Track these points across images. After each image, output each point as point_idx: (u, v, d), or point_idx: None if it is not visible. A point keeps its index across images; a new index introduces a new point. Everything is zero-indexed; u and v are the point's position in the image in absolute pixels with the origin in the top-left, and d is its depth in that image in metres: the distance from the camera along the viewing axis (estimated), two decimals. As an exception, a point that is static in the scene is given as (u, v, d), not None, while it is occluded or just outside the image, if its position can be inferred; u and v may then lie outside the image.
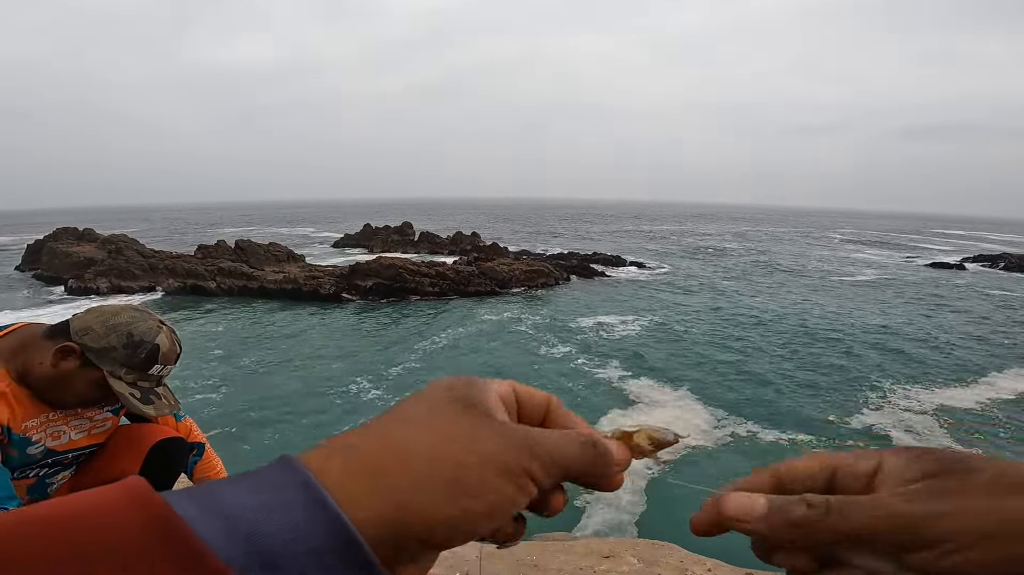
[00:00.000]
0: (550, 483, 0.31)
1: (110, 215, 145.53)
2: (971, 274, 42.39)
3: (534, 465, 0.30)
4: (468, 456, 0.28)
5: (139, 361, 1.40)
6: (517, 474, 0.29)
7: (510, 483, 0.29)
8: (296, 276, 29.85)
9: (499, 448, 0.29)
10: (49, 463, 1.50)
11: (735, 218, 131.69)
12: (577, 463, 0.31)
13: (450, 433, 0.29)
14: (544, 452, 0.30)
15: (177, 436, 1.76)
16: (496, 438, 0.30)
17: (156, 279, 30.23)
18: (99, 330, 1.38)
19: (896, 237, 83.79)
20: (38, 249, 37.58)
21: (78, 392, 1.40)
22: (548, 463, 0.30)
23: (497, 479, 0.29)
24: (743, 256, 49.72)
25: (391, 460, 0.28)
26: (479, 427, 0.30)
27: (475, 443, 0.29)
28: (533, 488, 0.30)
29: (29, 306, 27.31)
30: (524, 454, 0.30)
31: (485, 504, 0.28)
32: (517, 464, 0.29)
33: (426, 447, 0.28)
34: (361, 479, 0.27)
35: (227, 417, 14.10)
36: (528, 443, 0.30)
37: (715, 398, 15.28)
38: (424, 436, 0.29)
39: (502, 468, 0.29)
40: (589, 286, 32.07)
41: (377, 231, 52.89)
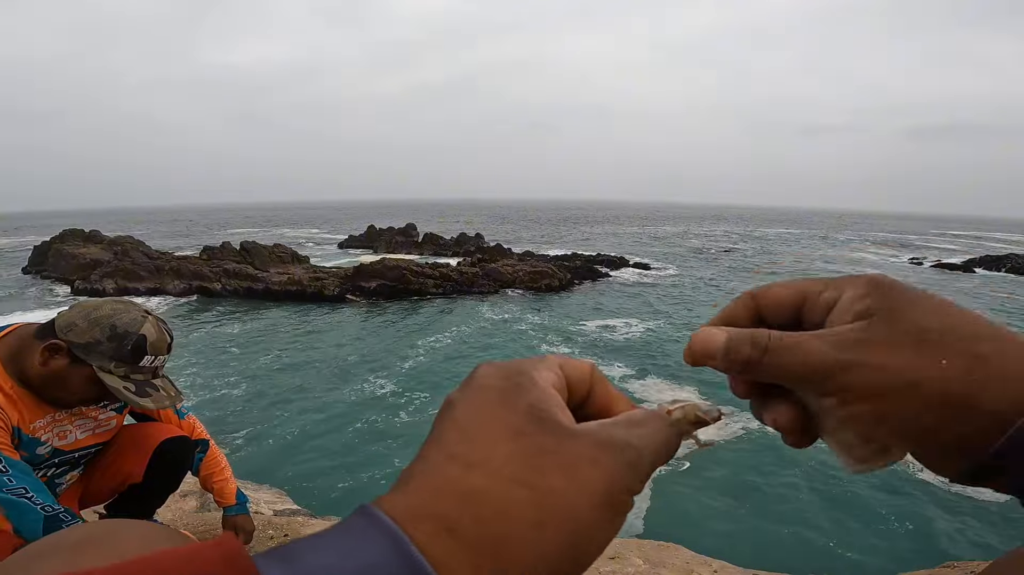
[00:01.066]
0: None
1: (116, 217, 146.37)
2: (978, 276, 42.16)
3: (638, 485, 0.27)
4: (576, 507, 0.25)
5: (127, 353, 1.38)
6: (626, 503, 0.27)
7: (619, 515, 0.26)
8: (301, 277, 29.94)
9: (605, 480, 0.26)
10: (57, 463, 1.51)
11: (741, 219, 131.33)
12: (666, 458, 0.29)
13: (551, 483, 0.25)
14: (646, 465, 0.28)
15: (182, 435, 1.77)
16: (598, 468, 0.26)
17: (162, 281, 30.36)
18: (82, 325, 1.36)
19: (902, 237, 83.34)
20: (45, 250, 37.80)
21: (75, 390, 1.39)
22: (649, 472, 0.28)
23: (611, 517, 0.26)
24: (749, 257, 49.63)
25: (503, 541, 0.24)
26: (575, 458, 0.26)
27: (578, 483, 0.25)
28: (632, 503, 0.27)
29: (37, 307, 27.49)
30: (630, 476, 0.27)
31: (599, 547, 0.26)
32: (626, 491, 0.26)
33: (530, 510, 0.24)
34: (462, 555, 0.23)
35: (249, 413, 14.31)
36: (630, 459, 0.27)
37: (723, 396, 15.24)
38: (523, 495, 0.25)
39: (612, 504, 0.26)
40: (593, 288, 32.03)
41: (381, 232, 53.01)
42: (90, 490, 1.72)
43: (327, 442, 12.65)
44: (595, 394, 0.32)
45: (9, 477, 1.28)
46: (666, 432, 0.29)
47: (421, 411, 14.19)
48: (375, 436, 12.93)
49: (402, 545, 0.23)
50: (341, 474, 11.17)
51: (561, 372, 0.31)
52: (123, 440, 1.69)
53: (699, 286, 33.33)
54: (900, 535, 9.55)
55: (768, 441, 12.41)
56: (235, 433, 13.00)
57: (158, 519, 2.08)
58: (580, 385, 0.32)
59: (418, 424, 13.56)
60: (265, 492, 3.21)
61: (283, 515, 2.67)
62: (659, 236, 73.24)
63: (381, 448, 12.26)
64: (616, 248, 50.82)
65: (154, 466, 1.69)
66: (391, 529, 0.23)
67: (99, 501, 1.76)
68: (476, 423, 0.27)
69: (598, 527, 0.25)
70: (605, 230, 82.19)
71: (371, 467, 11.35)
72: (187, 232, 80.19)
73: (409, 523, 0.23)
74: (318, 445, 12.53)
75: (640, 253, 48.56)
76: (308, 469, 11.32)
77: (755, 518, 9.93)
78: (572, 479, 0.25)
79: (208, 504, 2.57)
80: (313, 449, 12.36)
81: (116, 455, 1.69)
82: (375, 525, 0.23)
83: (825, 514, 10.12)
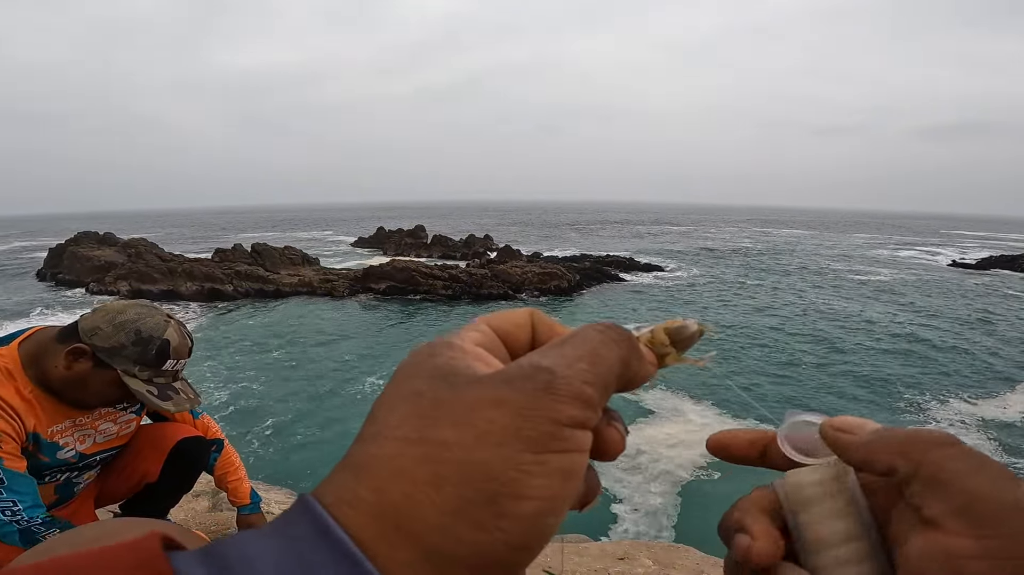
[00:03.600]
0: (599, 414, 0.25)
1: (129, 219, 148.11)
2: (991, 275, 41.59)
3: (567, 409, 0.23)
4: (477, 453, 0.22)
5: (151, 358, 1.39)
6: (556, 435, 0.23)
7: (551, 453, 0.23)
8: (311, 279, 30.14)
9: (511, 417, 0.23)
10: (80, 466, 1.52)
11: (750, 220, 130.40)
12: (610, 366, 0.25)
13: (445, 435, 0.23)
14: (574, 382, 0.24)
15: (197, 435, 1.78)
16: (500, 407, 0.23)
17: (175, 283, 30.68)
18: (107, 329, 1.37)
19: (914, 238, 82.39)
20: (60, 253, 38.32)
21: (97, 392, 1.40)
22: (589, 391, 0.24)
23: (533, 458, 0.22)
24: (760, 258, 49.20)
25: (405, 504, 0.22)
26: (473, 404, 0.23)
27: (478, 429, 0.23)
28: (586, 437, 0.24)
29: (52, 309, 27.85)
30: (547, 403, 0.23)
31: (540, 499, 0.22)
32: (545, 421, 0.23)
33: (425, 468, 0.22)
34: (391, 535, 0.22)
35: (261, 414, 14.51)
36: (543, 383, 0.23)
37: (740, 407, 14.73)
38: (417, 453, 0.22)
39: (531, 439, 0.22)
40: (603, 290, 31.91)
41: (390, 234, 53.22)
42: (106, 490, 1.74)
43: (336, 445, 12.72)
44: (540, 336, 0.29)
45: (1, 489, 1.28)
46: (603, 345, 0.25)
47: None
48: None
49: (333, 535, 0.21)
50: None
51: (488, 327, 0.28)
52: (140, 441, 1.71)
53: (711, 288, 33.07)
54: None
55: None
56: (247, 434, 13.12)
57: (171, 519, 2.10)
58: (518, 331, 0.29)
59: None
60: (276, 493, 3.24)
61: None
62: (668, 237, 72.87)
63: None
64: (625, 249, 50.63)
65: (170, 466, 1.71)
66: (331, 528, 0.22)
67: (115, 500, 1.78)
68: (382, 399, 0.25)
69: (519, 471, 0.22)
70: (613, 231, 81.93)
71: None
72: (199, 235, 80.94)
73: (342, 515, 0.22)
74: (327, 447, 12.60)
75: (650, 254, 48.32)
76: (317, 471, 11.39)
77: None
78: (466, 426, 0.23)
79: (220, 504, 2.59)
80: (322, 451, 12.44)
81: (133, 455, 1.70)
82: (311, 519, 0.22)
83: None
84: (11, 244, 71.52)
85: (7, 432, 1.31)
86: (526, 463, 0.22)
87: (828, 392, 16.22)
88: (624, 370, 0.26)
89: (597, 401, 0.24)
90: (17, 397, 1.34)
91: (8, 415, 1.32)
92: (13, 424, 1.32)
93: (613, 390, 0.26)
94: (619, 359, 0.25)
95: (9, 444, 1.31)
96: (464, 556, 0.21)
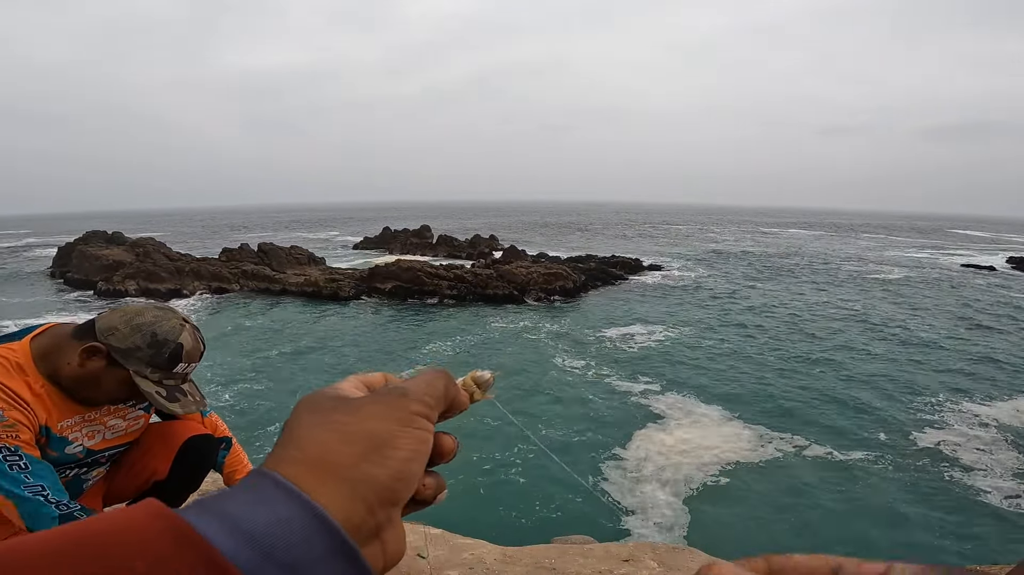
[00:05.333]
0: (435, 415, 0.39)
1: (138, 219, 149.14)
2: (1003, 275, 41.28)
3: (415, 406, 0.37)
4: (368, 424, 0.35)
5: (163, 360, 1.41)
6: (411, 419, 0.37)
7: (410, 426, 0.36)
8: (317, 279, 30.25)
9: (384, 407, 0.36)
10: (89, 463, 1.54)
11: (755, 220, 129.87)
12: (438, 389, 0.39)
13: (347, 419, 0.36)
14: (417, 394, 0.38)
15: (206, 432, 1.80)
16: (376, 404, 0.37)
17: (182, 282, 30.88)
18: (124, 330, 1.39)
19: (921, 238, 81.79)
20: (68, 252, 38.61)
21: (107, 391, 1.43)
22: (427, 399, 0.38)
23: (400, 428, 0.36)
24: (765, 258, 48.96)
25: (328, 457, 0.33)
26: (360, 404, 0.37)
27: (365, 414, 0.36)
28: (429, 424, 0.38)
29: (61, 308, 28.08)
30: (403, 402, 0.37)
31: (407, 450, 0.36)
32: (404, 410, 0.37)
33: (338, 436, 0.35)
34: (317, 476, 0.32)
35: (266, 413, 14.58)
36: (401, 392, 0.38)
37: (752, 412, 14.50)
38: (330, 429, 0.35)
39: (398, 419, 0.36)
40: (608, 291, 31.82)
41: (396, 234, 53.35)
42: (114, 488, 1.74)
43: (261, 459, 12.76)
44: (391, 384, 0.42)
45: (27, 474, 1.31)
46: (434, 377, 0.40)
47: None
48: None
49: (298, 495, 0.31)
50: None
51: (357, 379, 0.42)
52: (149, 438, 1.72)
53: (716, 290, 32.89)
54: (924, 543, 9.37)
55: (811, 462, 12.01)
56: (251, 435, 13.16)
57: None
58: (376, 383, 0.42)
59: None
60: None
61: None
62: (674, 237, 72.66)
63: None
64: (630, 249, 50.53)
65: (179, 463, 1.72)
66: (294, 490, 0.31)
67: (123, 499, 1.79)
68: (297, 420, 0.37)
69: (393, 433, 0.36)
70: (618, 232, 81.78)
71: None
72: (206, 234, 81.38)
73: (297, 478, 0.32)
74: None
75: (655, 255, 48.21)
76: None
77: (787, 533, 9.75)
78: (356, 414, 0.36)
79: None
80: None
81: (142, 453, 1.71)
82: (277, 484, 0.32)
83: (846, 522, 9.96)
84: (23, 241, 72.29)
85: (22, 422, 1.33)
86: (396, 431, 0.36)
87: (839, 394, 16.04)
88: (446, 394, 0.40)
89: (433, 406, 0.39)
90: (28, 390, 1.36)
91: (21, 406, 1.34)
92: (27, 415, 1.34)
93: (442, 405, 0.40)
94: (443, 384, 0.40)
95: (25, 433, 1.33)
96: (368, 483, 0.33)
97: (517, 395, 15.68)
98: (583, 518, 9.65)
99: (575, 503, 10.31)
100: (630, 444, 12.63)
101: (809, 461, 12.13)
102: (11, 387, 1.34)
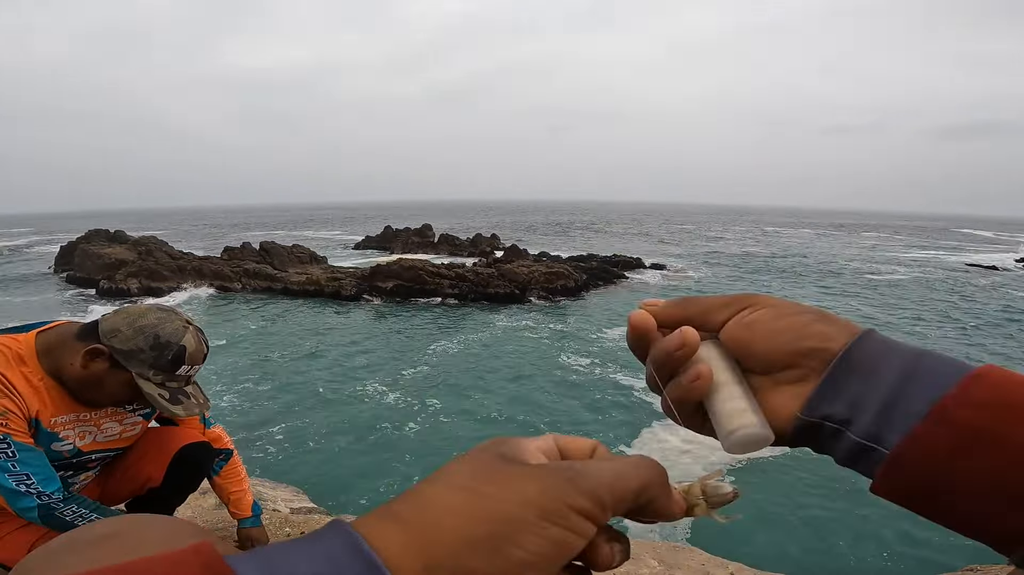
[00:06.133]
0: (605, 517, 0.30)
1: (140, 217, 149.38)
2: (1011, 274, 41.16)
3: (580, 500, 0.28)
4: (503, 505, 0.28)
5: (166, 363, 1.41)
6: (562, 513, 0.28)
7: (554, 525, 0.28)
8: (318, 277, 30.27)
9: (537, 489, 0.28)
10: (74, 463, 1.52)
11: (760, 220, 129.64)
12: (630, 485, 0.30)
13: (487, 489, 0.29)
14: (592, 483, 0.29)
15: (203, 441, 1.78)
16: (532, 480, 0.29)
17: (184, 280, 30.95)
18: (127, 332, 1.39)
19: (927, 238, 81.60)
20: (70, 250, 38.67)
21: (110, 392, 1.42)
22: (603, 494, 0.29)
23: (539, 522, 0.28)
24: (770, 258, 48.88)
25: (433, 526, 0.27)
26: (515, 475, 0.29)
27: (510, 491, 0.28)
28: (587, 526, 0.29)
29: (63, 307, 28.14)
30: (567, 489, 0.28)
31: (530, 554, 0.27)
32: (560, 501, 0.28)
33: (461, 505, 0.28)
34: (409, 549, 0.26)
35: (269, 412, 14.54)
36: (569, 475, 0.29)
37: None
38: (461, 496, 0.28)
39: (542, 510, 0.28)
40: (610, 290, 31.76)
41: (397, 233, 53.32)
42: (108, 492, 1.73)
43: (343, 443, 12.74)
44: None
45: (15, 462, 1.31)
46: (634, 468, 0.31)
47: (433, 416, 14.17)
48: (389, 440, 12.97)
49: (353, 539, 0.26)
50: (356, 474, 11.24)
51: (554, 442, 0.34)
52: (145, 444, 1.71)
53: (719, 289, 32.82)
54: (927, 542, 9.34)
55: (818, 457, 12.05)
56: (253, 437, 13.17)
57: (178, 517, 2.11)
58: (579, 451, 0.35)
59: (429, 427, 13.58)
60: (283, 490, 3.25)
61: (300, 513, 2.69)
62: (677, 237, 72.56)
63: (393, 453, 12.31)
64: (632, 249, 50.45)
65: (174, 470, 1.70)
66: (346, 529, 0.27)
67: (117, 502, 1.78)
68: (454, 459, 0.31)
69: (526, 527, 0.27)
70: (621, 231, 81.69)
71: (385, 470, 11.43)
72: (208, 233, 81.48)
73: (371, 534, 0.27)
74: (334, 446, 12.63)
75: (657, 254, 48.12)
76: (324, 469, 11.43)
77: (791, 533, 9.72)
78: (506, 486, 0.28)
79: (227, 501, 2.60)
80: (329, 449, 12.47)
81: (137, 458, 1.70)
82: (341, 535, 0.27)
83: (851, 521, 9.94)
84: (25, 240, 72.48)
85: (11, 410, 1.33)
86: (533, 524, 0.27)
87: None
88: (643, 494, 0.30)
89: (606, 505, 0.29)
90: (24, 381, 1.36)
91: (12, 394, 1.34)
92: (18, 403, 1.34)
93: (628, 506, 0.30)
94: (640, 483, 0.30)
95: (15, 421, 1.33)
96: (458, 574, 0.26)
97: (521, 394, 15.67)
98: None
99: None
100: (636, 442, 12.67)
101: (814, 461, 12.09)
102: (6, 376, 1.34)
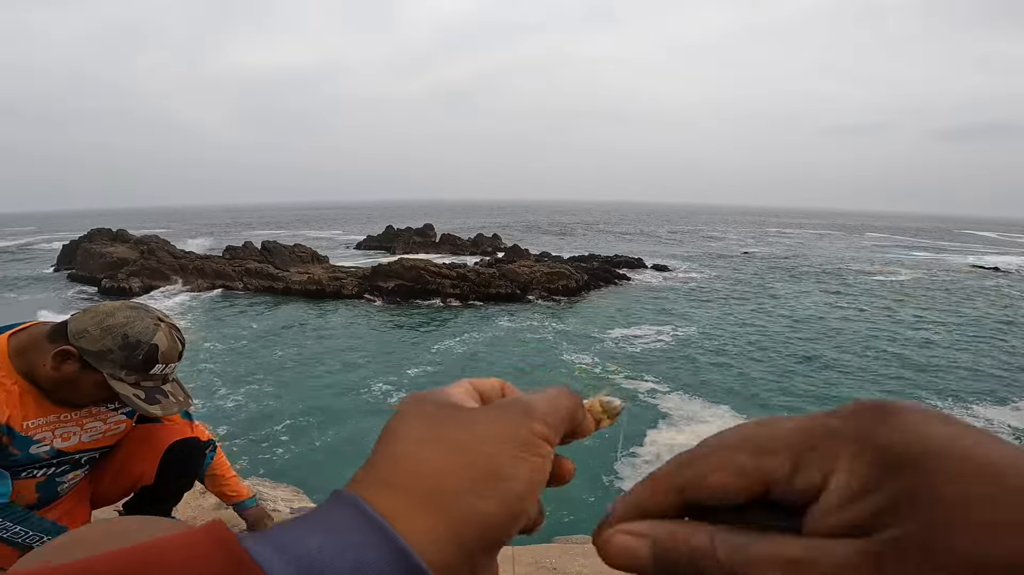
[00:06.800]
0: (557, 440, 0.32)
1: (142, 216, 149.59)
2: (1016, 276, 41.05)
3: (539, 427, 0.31)
4: (483, 446, 0.29)
5: (137, 362, 1.36)
6: (532, 442, 0.30)
7: (531, 453, 0.30)
8: (320, 277, 30.31)
9: (505, 426, 0.30)
10: (56, 463, 1.48)
11: (763, 220, 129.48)
12: (564, 409, 0.33)
13: (458, 437, 0.30)
14: (542, 412, 0.32)
15: (192, 436, 1.75)
16: (495, 420, 0.31)
17: (186, 279, 31.00)
18: (94, 332, 1.34)
19: (929, 240, 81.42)
20: (73, 249, 38.78)
21: (85, 393, 1.39)
22: (551, 419, 0.32)
23: (521, 453, 0.30)
24: (772, 259, 48.77)
25: (435, 491, 0.28)
26: (476, 418, 0.31)
27: (481, 433, 0.30)
28: (550, 449, 0.32)
29: (64, 306, 28.17)
30: (527, 420, 0.31)
31: (524, 482, 0.29)
32: (528, 431, 0.30)
33: (448, 462, 0.29)
34: (416, 508, 0.27)
35: (268, 412, 14.52)
36: (524, 409, 0.31)
37: (762, 413, 14.35)
38: (438, 450, 0.29)
39: (518, 442, 0.30)
40: (611, 290, 31.71)
41: (399, 233, 53.36)
42: (100, 491, 1.70)
43: (344, 443, 12.73)
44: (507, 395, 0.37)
45: None
46: (560, 395, 0.34)
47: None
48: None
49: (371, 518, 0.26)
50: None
51: (471, 386, 0.36)
52: (133, 442, 1.67)
53: (722, 290, 32.76)
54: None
55: None
56: (256, 432, 13.18)
57: (178, 517, 2.10)
58: (492, 391, 0.36)
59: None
60: (283, 490, 3.24)
61: (300, 513, 2.69)
62: (679, 237, 72.48)
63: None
64: (634, 249, 50.40)
65: (165, 468, 1.68)
66: (367, 511, 0.26)
67: (110, 502, 1.75)
68: (396, 416, 0.32)
69: (511, 460, 0.29)
70: (622, 231, 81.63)
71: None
72: (210, 232, 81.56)
73: (376, 501, 0.27)
74: (335, 445, 12.63)
75: (658, 254, 48.07)
76: (325, 469, 11.41)
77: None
78: (472, 430, 0.30)
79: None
80: (330, 449, 12.47)
81: (126, 457, 1.67)
82: (348, 506, 0.27)
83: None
84: (28, 239, 72.63)
85: None
86: (515, 456, 0.29)
87: (848, 394, 15.99)
88: (572, 417, 0.34)
89: (556, 428, 0.32)
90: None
91: None
92: None
93: (564, 428, 0.33)
94: (568, 408, 0.33)
95: None
96: (472, 520, 0.27)
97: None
98: (594, 518, 9.61)
99: (587, 503, 10.27)
100: (644, 441, 12.64)
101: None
102: None
